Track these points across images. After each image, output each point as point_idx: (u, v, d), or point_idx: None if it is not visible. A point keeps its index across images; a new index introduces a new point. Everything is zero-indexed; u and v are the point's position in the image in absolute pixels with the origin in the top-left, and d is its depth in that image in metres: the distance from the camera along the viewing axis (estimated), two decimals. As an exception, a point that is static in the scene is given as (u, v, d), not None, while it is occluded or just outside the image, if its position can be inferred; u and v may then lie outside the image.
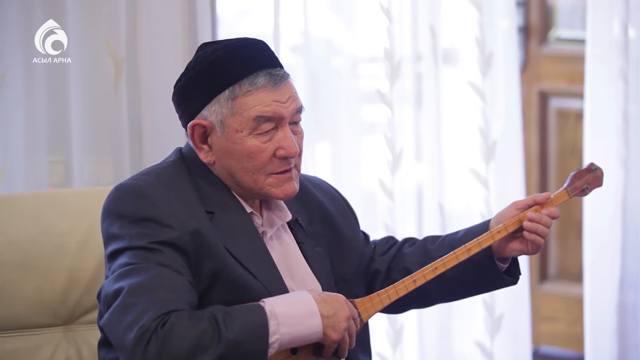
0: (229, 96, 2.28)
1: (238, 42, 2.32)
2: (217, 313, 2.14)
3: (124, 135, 3.29)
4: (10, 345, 2.56)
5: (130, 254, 2.20)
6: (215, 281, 2.25)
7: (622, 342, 3.83)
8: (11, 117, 3.19)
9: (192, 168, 2.34)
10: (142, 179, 2.30)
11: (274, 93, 2.29)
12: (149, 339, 2.10)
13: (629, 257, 3.81)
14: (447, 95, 3.76)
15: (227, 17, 3.68)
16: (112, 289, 2.18)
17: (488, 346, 3.80)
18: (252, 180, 2.31)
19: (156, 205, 2.24)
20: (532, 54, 4.78)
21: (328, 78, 3.67)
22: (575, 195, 2.54)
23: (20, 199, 2.69)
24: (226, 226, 2.30)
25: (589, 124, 3.79)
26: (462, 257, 2.42)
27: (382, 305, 2.37)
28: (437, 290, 2.52)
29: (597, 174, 2.55)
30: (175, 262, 2.20)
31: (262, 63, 2.31)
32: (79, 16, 3.25)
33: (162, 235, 2.21)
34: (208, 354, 2.11)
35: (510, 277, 2.54)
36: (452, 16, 3.76)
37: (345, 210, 2.56)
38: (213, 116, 2.29)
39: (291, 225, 2.42)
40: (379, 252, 2.58)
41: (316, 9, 3.60)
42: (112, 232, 2.25)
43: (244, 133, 2.29)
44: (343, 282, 2.39)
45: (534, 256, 4.74)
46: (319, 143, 3.68)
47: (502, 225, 2.46)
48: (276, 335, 2.16)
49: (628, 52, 3.74)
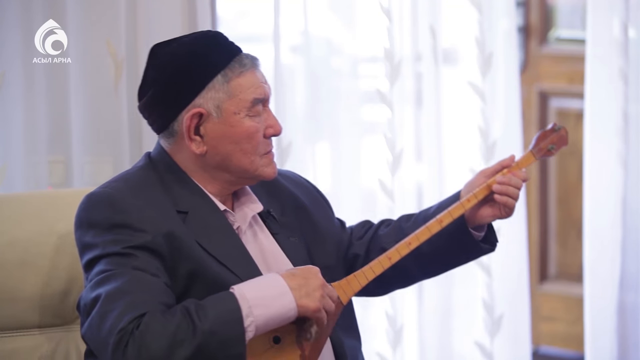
0: (223, 80, 2.33)
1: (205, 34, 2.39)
2: (189, 306, 2.16)
3: (124, 135, 3.28)
4: (10, 345, 2.56)
5: (105, 261, 2.22)
6: (193, 281, 2.26)
7: (622, 342, 3.83)
8: (11, 117, 3.19)
9: (162, 170, 2.37)
10: (112, 186, 2.32)
11: (258, 74, 2.36)
12: (127, 342, 2.12)
13: (629, 257, 3.81)
14: (447, 95, 3.76)
15: (227, 17, 3.69)
16: (90, 298, 2.20)
17: (488, 346, 3.80)
18: (250, 161, 2.35)
19: (127, 210, 2.26)
20: (532, 54, 4.78)
21: (328, 78, 3.67)
22: (542, 156, 2.55)
23: (20, 199, 2.69)
24: (200, 225, 2.32)
25: (589, 124, 3.79)
26: (434, 229, 2.43)
27: (359, 285, 2.37)
28: (417, 267, 2.55)
29: (561, 134, 2.56)
30: (150, 266, 2.22)
31: (237, 48, 2.37)
32: (79, 16, 3.24)
33: (135, 240, 2.23)
34: (185, 347, 2.12)
35: (487, 244, 2.55)
36: (452, 16, 3.76)
37: (318, 199, 2.58)
38: (209, 103, 2.33)
39: (264, 218, 2.44)
40: (356, 236, 2.60)
41: (316, 9, 3.60)
42: (85, 241, 2.27)
43: (241, 115, 2.33)
44: (324, 270, 2.38)
45: (534, 256, 4.74)
46: (319, 143, 3.68)
47: (472, 194, 2.47)
48: (250, 317, 2.17)
49: (628, 52, 3.74)
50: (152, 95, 2.35)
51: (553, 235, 4.78)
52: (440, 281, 3.72)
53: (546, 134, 2.56)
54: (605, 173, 3.79)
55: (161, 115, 2.36)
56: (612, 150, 3.77)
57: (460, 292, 3.83)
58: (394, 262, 2.40)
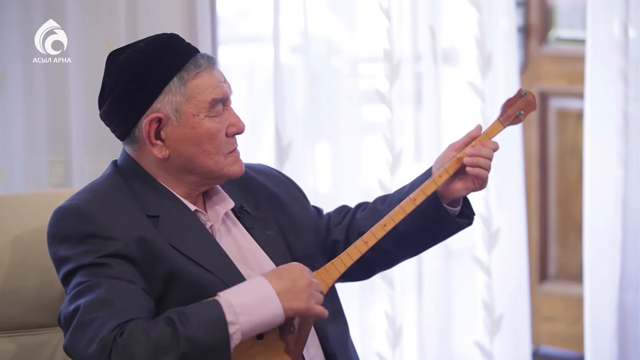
0: (179, 83, 2.32)
1: (159, 37, 2.37)
2: (172, 315, 2.16)
3: (123, 135, 3.28)
4: (10, 345, 2.56)
5: (80, 273, 2.23)
6: (171, 284, 2.26)
7: (622, 342, 3.83)
8: (11, 117, 3.19)
9: (129, 176, 2.37)
10: (79, 197, 2.33)
11: (216, 73, 2.35)
12: (110, 350, 2.12)
13: (629, 257, 3.81)
14: (446, 95, 3.76)
15: (227, 17, 3.69)
16: (69, 310, 2.20)
17: (487, 346, 3.80)
18: (214, 162, 2.34)
19: (96, 220, 2.26)
20: (532, 54, 4.78)
21: (328, 78, 3.67)
22: (510, 124, 2.52)
23: (20, 199, 2.69)
24: (172, 228, 2.32)
25: (589, 124, 3.79)
26: (409, 208, 2.41)
27: (338, 273, 2.36)
28: (397, 247, 2.53)
29: (528, 99, 2.51)
30: (125, 273, 2.22)
31: (192, 49, 2.36)
32: (79, 16, 3.25)
33: (107, 249, 2.23)
34: (169, 355, 2.12)
35: (464, 219, 2.53)
36: (451, 16, 3.76)
37: (291, 189, 2.57)
38: (167, 106, 2.32)
39: (237, 214, 2.44)
40: (334, 222, 2.59)
41: (316, 9, 3.60)
42: (59, 255, 2.28)
43: (201, 116, 2.32)
44: (304, 259, 2.38)
45: (534, 256, 4.74)
46: (319, 143, 3.68)
47: (443, 169, 2.44)
48: (236, 325, 2.16)
49: (628, 52, 3.74)
50: (110, 103, 2.35)
51: (553, 235, 4.78)
52: (440, 281, 3.72)
53: (513, 100, 2.51)
54: (605, 173, 3.79)
55: (121, 123, 2.36)
56: (612, 150, 3.77)
57: (460, 292, 3.83)
58: (371, 245, 2.39)
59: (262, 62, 3.61)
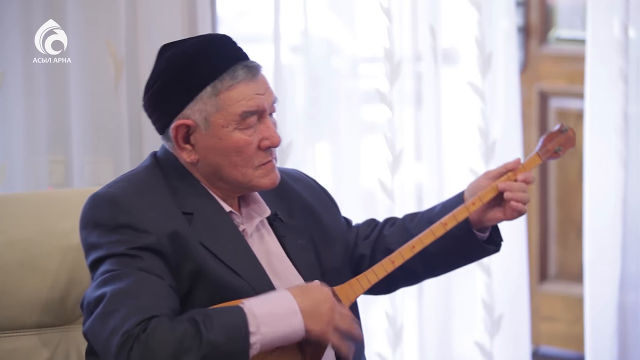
0: (212, 93, 2.29)
1: (206, 39, 2.34)
2: (196, 316, 2.15)
3: (124, 135, 3.29)
4: (10, 345, 2.56)
5: (110, 261, 2.22)
6: (197, 282, 2.26)
7: (622, 342, 3.83)
8: (11, 117, 3.19)
9: (168, 171, 2.35)
10: (116, 186, 2.31)
11: (254, 85, 2.31)
12: (132, 345, 2.11)
13: (629, 257, 3.81)
14: (446, 95, 3.76)
15: (227, 17, 3.69)
16: (94, 296, 2.19)
17: (487, 346, 3.80)
18: (241, 174, 2.32)
19: (131, 211, 2.25)
20: (532, 54, 4.78)
21: (328, 78, 3.67)
22: (548, 158, 2.52)
23: (20, 199, 2.69)
24: (206, 226, 2.30)
25: (589, 124, 3.79)
26: (439, 232, 2.42)
27: (362, 289, 2.36)
28: (423, 267, 2.53)
29: (568, 135, 2.51)
30: (155, 267, 2.21)
31: (236, 56, 2.32)
32: (79, 16, 3.25)
33: (139, 241, 2.22)
34: (190, 356, 2.12)
35: (492, 244, 2.54)
36: (452, 16, 3.76)
37: (325, 200, 2.56)
38: (197, 114, 2.30)
39: (271, 221, 2.42)
40: (362, 236, 2.58)
41: (316, 9, 3.60)
42: (90, 241, 2.27)
43: (230, 128, 2.30)
44: (331, 271, 2.39)
45: (534, 256, 4.74)
46: (319, 143, 3.68)
47: (477, 197, 2.45)
48: (257, 335, 2.16)
49: (628, 52, 3.74)
50: (149, 98, 2.35)
51: (553, 235, 4.78)
52: (440, 281, 3.72)
53: (553, 135, 2.51)
54: (605, 173, 3.79)
55: (157, 120, 2.36)
56: (612, 150, 3.77)
57: (460, 292, 3.82)
58: (397, 265, 2.39)
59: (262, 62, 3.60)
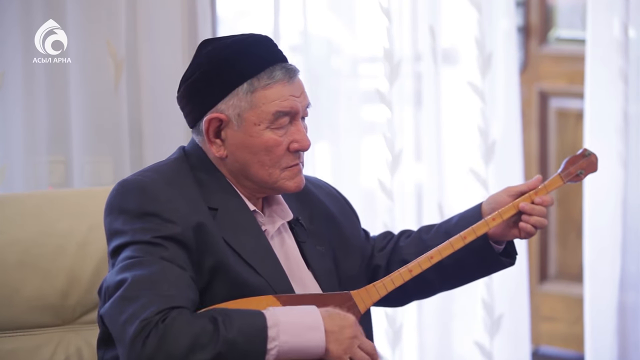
0: (248, 89, 2.31)
1: (248, 37, 2.36)
2: (217, 315, 2.16)
3: (124, 135, 3.29)
4: (10, 345, 2.56)
5: (134, 248, 2.22)
6: (216, 276, 2.26)
7: (622, 342, 3.83)
8: (11, 117, 3.19)
9: (196, 165, 2.36)
10: (145, 175, 2.32)
11: (290, 87, 2.33)
12: (149, 332, 2.11)
13: (629, 257, 3.81)
14: (446, 95, 3.76)
15: (227, 17, 3.69)
16: (115, 280, 2.19)
17: (487, 346, 3.80)
18: (267, 174, 2.33)
19: (159, 200, 2.26)
20: (532, 54, 4.78)
21: (328, 78, 3.67)
22: (569, 181, 2.54)
23: (20, 199, 2.69)
24: (229, 223, 2.31)
25: (589, 124, 3.79)
26: (457, 245, 2.43)
27: (378, 296, 2.37)
28: (438, 279, 2.54)
29: (591, 159, 2.54)
30: (178, 258, 2.22)
31: (276, 57, 2.35)
32: (79, 16, 3.25)
33: (165, 230, 2.23)
34: (205, 351, 2.11)
35: (507, 257, 2.55)
36: (451, 16, 3.76)
37: (346, 209, 2.58)
38: (230, 110, 2.32)
39: (292, 225, 2.43)
40: (378, 247, 2.60)
41: (316, 8, 3.60)
42: (115, 227, 2.27)
43: (262, 127, 2.32)
44: (348, 279, 2.40)
45: (533, 256, 4.74)
46: (319, 143, 3.68)
47: (497, 213, 2.47)
48: (275, 341, 2.16)
49: (628, 52, 3.74)
50: (184, 90, 2.36)
51: (553, 235, 4.78)
52: (440, 281, 3.72)
53: (576, 158, 2.53)
54: (606, 173, 3.79)
55: (189, 113, 2.37)
56: (612, 150, 3.77)
57: (460, 292, 3.81)
58: (414, 274, 2.39)
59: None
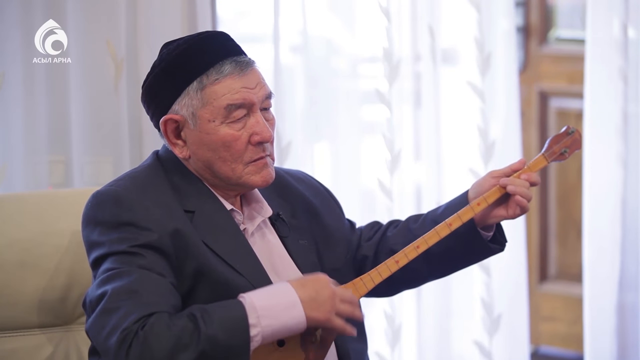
0: (198, 87, 2.30)
1: (200, 35, 2.35)
2: (195, 311, 2.15)
3: (124, 135, 3.29)
4: (10, 345, 2.56)
5: (112, 259, 2.22)
6: (199, 280, 2.26)
7: (622, 342, 3.83)
8: (11, 117, 3.20)
9: (169, 169, 2.36)
10: (119, 184, 2.32)
11: (242, 79, 2.31)
12: (130, 342, 2.12)
13: (628, 257, 3.81)
14: (446, 95, 3.76)
15: (227, 17, 3.69)
16: (96, 294, 2.20)
17: (486, 346, 3.80)
18: (230, 169, 2.32)
19: (133, 209, 2.26)
20: (532, 54, 4.78)
21: (327, 78, 3.67)
22: (554, 160, 2.51)
23: (20, 199, 2.69)
24: (207, 224, 2.31)
25: (589, 124, 3.79)
26: (443, 232, 2.42)
27: (366, 289, 2.36)
28: (426, 268, 2.53)
29: (574, 137, 2.51)
30: (157, 265, 2.22)
31: (227, 52, 2.33)
32: (79, 16, 3.25)
33: (141, 239, 2.23)
34: (189, 352, 2.11)
35: (496, 244, 2.54)
36: (451, 16, 3.76)
37: (328, 201, 2.57)
38: (184, 109, 2.31)
39: (273, 221, 2.43)
40: (365, 238, 2.58)
41: (315, 9, 3.60)
42: (92, 239, 2.27)
43: (217, 122, 2.31)
44: (333, 272, 2.38)
45: (534, 256, 4.74)
46: (318, 143, 3.69)
47: (482, 197, 2.45)
48: (257, 328, 2.15)
49: (628, 52, 3.74)
50: (143, 94, 2.37)
51: (553, 235, 4.79)
52: (439, 280, 3.70)
53: (559, 137, 2.51)
54: (605, 173, 3.79)
55: (153, 115, 2.38)
56: (612, 150, 3.77)
57: (459, 292, 3.83)
58: (402, 265, 2.38)
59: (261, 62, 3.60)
